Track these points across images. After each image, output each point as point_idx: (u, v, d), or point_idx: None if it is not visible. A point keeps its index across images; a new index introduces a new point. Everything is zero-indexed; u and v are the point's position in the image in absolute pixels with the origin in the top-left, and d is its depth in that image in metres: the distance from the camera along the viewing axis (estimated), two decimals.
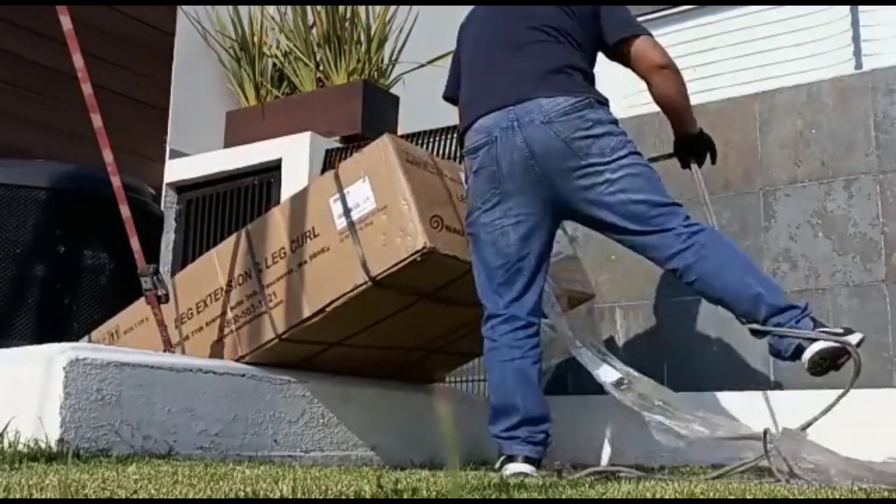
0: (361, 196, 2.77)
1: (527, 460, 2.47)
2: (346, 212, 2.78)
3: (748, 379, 3.45)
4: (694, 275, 2.48)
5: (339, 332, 2.94)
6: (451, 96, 2.87)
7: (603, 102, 2.59)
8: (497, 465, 2.54)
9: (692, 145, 2.81)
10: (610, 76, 3.08)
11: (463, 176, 2.87)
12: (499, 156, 2.54)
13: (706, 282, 2.48)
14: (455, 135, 4.32)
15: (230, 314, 2.95)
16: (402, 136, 4.26)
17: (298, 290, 2.82)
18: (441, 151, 4.09)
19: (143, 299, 2.93)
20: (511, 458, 2.48)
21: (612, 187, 2.50)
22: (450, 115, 2.98)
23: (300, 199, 2.96)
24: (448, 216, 2.79)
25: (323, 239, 2.82)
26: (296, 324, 2.81)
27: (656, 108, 2.75)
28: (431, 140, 4.23)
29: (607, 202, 2.51)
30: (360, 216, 2.75)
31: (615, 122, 2.58)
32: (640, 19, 6.72)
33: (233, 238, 3.06)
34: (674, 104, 2.69)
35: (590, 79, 2.66)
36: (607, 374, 2.74)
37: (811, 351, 2.36)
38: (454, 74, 2.86)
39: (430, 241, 2.62)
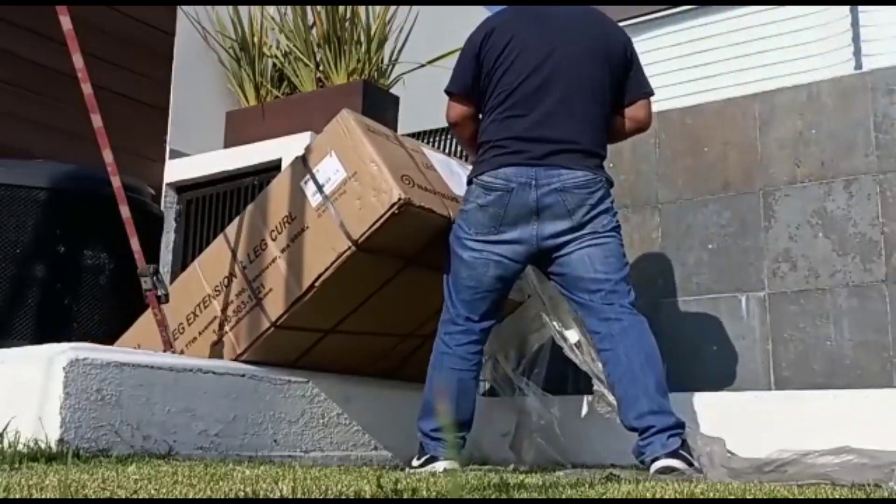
0: (331, 170, 2.85)
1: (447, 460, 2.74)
2: (319, 188, 2.86)
3: (748, 379, 3.45)
4: (609, 344, 2.67)
5: (332, 315, 2.96)
6: (458, 93, 2.88)
7: (612, 184, 2.80)
8: (417, 461, 2.75)
9: None
10: None
11: (437, 158, 3.02)
12: (509, 205, 2.70)
13: (618, 355, 2.65)
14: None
15: (222, 316, 2.96)
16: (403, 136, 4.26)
17: (285, 273, 2.86)
18: (441, 151, 4.07)
19: (148, 311, 2.93)
20: (434, 459, 2.72)
21: (582, 250, 2.71)
22: None
23: (272, 191, 3.02)
24: (418, 178, 2.88)
25: (301, 220, 2.87)
26: (288, 306, 2.83)
27: None
28: (431, 140, 4.23)
29: (572, 260, 2.71)
30: (333, 188, 2.83)
31: (613, 201, 2.80)
32: (640, 19, 6.69)
33: (214, 244, 3.10)
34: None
35: (604, 156, 2.85)
36: (573, 335, 2.94)
37: (656, 465, 2.54)
38: (472, 75, 2.84)
39: (404, 194, 2.72)
